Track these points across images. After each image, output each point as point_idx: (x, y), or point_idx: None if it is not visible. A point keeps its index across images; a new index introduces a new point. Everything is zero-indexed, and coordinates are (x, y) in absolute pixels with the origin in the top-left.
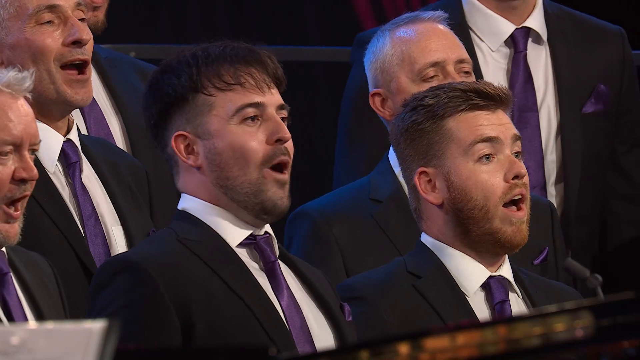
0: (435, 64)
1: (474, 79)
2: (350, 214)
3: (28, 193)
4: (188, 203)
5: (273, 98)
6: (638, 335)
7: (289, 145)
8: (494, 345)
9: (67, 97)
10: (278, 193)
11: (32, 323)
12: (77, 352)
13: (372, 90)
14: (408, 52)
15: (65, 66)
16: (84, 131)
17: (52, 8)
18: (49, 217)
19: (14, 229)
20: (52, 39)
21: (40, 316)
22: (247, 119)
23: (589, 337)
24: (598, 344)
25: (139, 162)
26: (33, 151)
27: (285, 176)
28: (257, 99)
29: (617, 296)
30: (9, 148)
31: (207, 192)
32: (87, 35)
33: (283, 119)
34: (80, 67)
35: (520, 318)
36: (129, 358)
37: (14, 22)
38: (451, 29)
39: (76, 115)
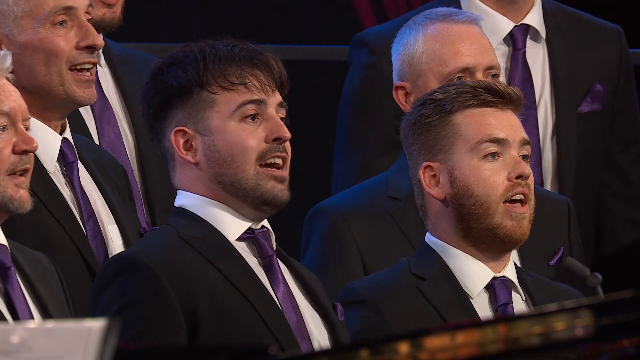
0: (465, 70)
1: None
2: (368, 212)
3: (29, 166)
4: (185, 199)
5: (275, 99)
6: (638, 333)
7: (287, 145)
8: (494, 344)
9: (75, 97)
10: (277, 186)
11: (32, 322)
12: (77, 351)
13: (396, 82)
14: (440, 53)
15: (73, 68)
16: (94, 132)
17: (68, 10)
18: (54, 218)
19: (26, 194)
20: (66, 41)
21: (44, 311)
22: (247, 117)
23: (589, 335)
24: (598, 342)
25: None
26: (25, 128)
27: (283, 173)
28: (259, 96)
29: (617, 295)
30: (4, 120)
31: (205, 187)
32: (101, 41)
33: (282, 118)
34: (88, 69)
35: (520, 317)
36: (129, 357)
37: (27, 20)
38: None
39: (87, 115)
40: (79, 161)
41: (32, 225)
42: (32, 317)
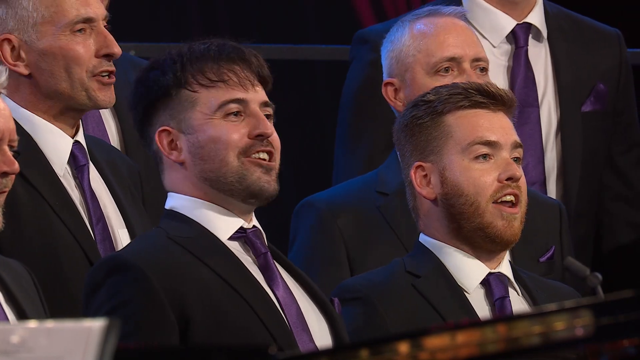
0: (452, 59)
1: (489, 78)
2: (356, 206)
3: (7, 189)
4: (175, 201)
5: (257, 95)
6: (638, 333)
7: (273, 138)
8: (494, 344)
9: (97, 101)
10: (263, 177)
11: (32, 322)
12: (77, 351)
13: (385, 79)
14: (426, 44)
15: (95, 75)
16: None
17: (88, 20)
18: (61, 221)
19: None
20: (85, 48)
21: (21, 314)
22: (230, 114)
23: (589, 335)
24: (598, 342)
25: (131, 160)
26: (11, 147)
27: (270, 163)
28: (240, 95)
29: (617, 295)
30: None
31: (193, 187)
32: (118, 49)
33: (268, 116)
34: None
35: (520, 317)
36: (129, 357)
37: (47, 27)
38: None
39: None
40: (90, 164)
41: (39, 228)
42: (7, 319)
